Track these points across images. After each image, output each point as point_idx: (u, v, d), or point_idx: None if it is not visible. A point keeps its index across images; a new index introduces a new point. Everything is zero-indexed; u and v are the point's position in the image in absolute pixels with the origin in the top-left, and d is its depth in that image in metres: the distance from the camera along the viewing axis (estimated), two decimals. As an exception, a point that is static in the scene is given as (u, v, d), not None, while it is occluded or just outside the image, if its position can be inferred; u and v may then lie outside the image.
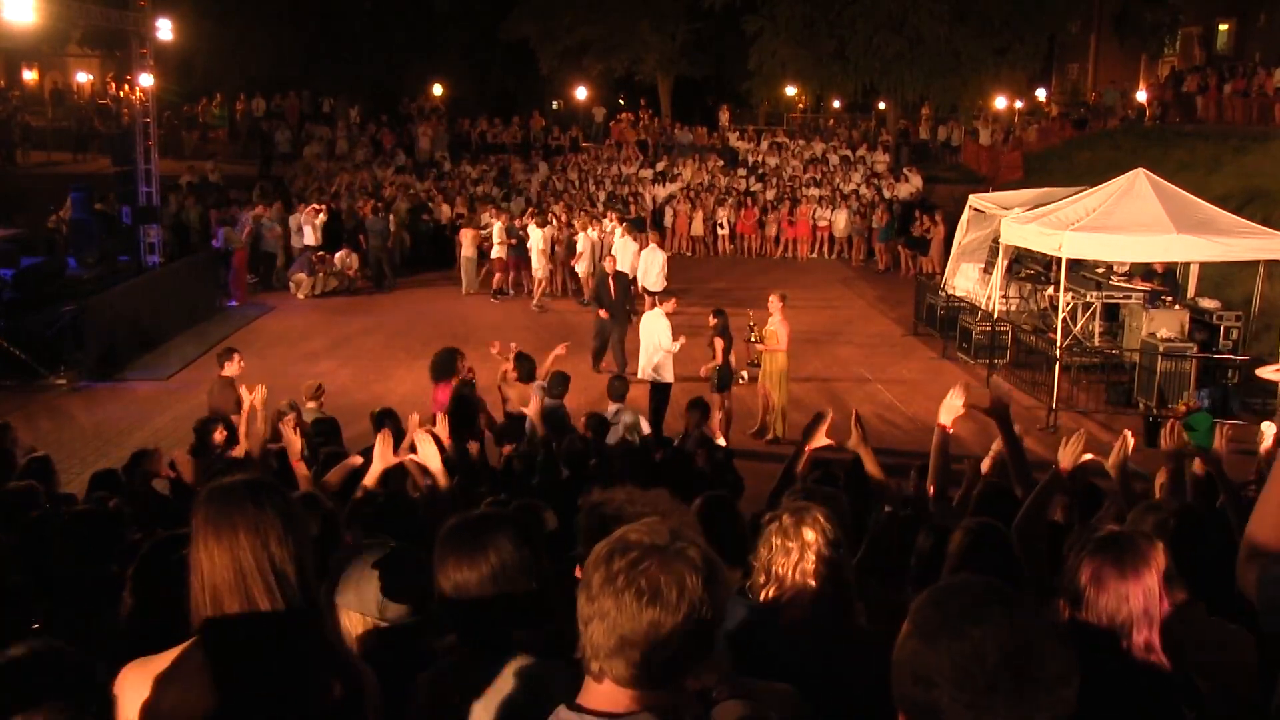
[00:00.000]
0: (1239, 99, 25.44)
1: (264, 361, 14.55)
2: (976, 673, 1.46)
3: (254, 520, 2.11)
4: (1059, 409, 12.64)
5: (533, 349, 10.20)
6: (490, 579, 2.28)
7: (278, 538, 2.11)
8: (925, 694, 1.49)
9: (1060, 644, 1.51)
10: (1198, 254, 13.21)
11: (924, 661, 1.50)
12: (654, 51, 34.04)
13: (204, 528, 2.12)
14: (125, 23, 17.07)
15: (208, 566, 2.10)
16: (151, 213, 17.87)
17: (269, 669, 2.11)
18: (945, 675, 1.48)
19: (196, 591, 2.12)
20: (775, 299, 11.88)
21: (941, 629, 1.51)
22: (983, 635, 1.48)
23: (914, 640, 1.54)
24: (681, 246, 25.05)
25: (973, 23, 27.52)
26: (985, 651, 1.46)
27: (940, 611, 1.54)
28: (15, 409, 11.80)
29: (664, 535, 1.71)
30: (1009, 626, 1.49)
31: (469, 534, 2.35)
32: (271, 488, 2.21)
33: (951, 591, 1.60)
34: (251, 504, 2.13)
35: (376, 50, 34.03)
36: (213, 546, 2.10)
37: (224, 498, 2.14)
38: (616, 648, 1.66)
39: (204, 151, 28.76)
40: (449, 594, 2.31)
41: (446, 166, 27.70)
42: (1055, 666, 1.49)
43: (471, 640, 2.33)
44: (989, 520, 3.48)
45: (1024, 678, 1.46)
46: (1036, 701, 1.46)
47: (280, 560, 2.11)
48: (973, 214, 16.60)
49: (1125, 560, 2.40)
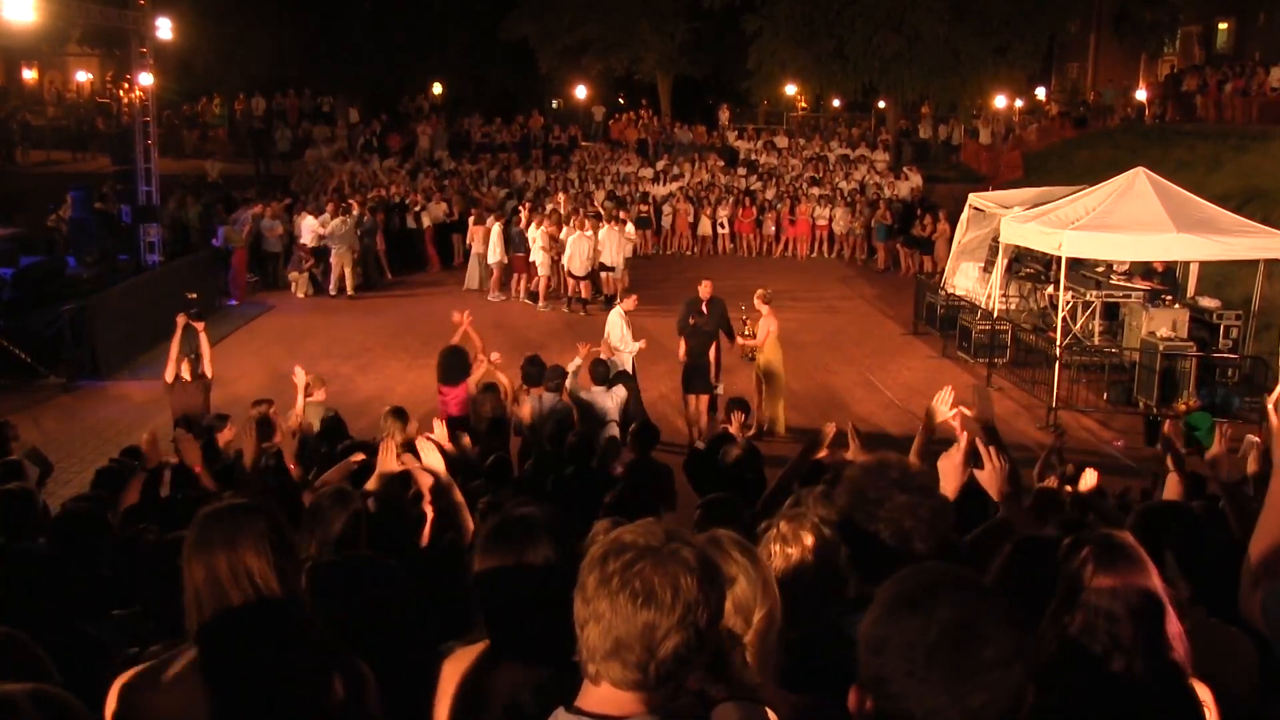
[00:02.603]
0: (1239, 98, 25.44)
1: (264, 361, 14.56)
2: (919, 644, 1.54)
3: (229, 535, 2.27)
4: (1058, 408, 12.64)
5: (533, 349, 10.22)
6: (534, 581, 2.20)
7: (254, 549, 2.25)
8: (876, 661, 1.58)
9: (1008, 630, 1.56)
10: (1197, 253, 13.20)
11: (878, 631, 1.60)
12: (653, 51, 34.03)
13: (188, 545, 2.31)
14: (125, 22, 17.07)
15: (189, 578, 2.27)
16: (151, 212, 17.87)
17: (263, 672, 2.13)
18: (893, 644, 1.56)
19: (188, 601, 2.27)
20: (758, 300, 11.90)
21: (898, 602, 1.61)
22: (931, 609, 1.56)
23: (873, 613, 1.63)
24: (681, 246, 25.07)
25: (972, 22, 27.51)
26: (930, 624, 1.55)
27: (901, 587, 1.64)
28: (15, 408, 11.79)
29: (658, 536, 1.71)
30: (959, 604, 1.57)
31: (514, 534, 2.27)
32: (253, 508, 2.37)
33: (917, 571, 1.69)
34: (229, 521, 2.31)
35: (376, 49, 33.99)
36: (193, 560, 2.27)
37: (209, 520, 2.32)
38: (612, 650, 1.66)
39: (204, 151, 28.77)
40: (489, 594, 2.26)
41: (447, 165, 27.69)
42: (996, 649, 1.54)
43: (507, 645, 2.25)
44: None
45: (965, 654, 1.53)
46: (974, 680, 1.52)
47: (259, 570, 2.25)
48: (972, 213, 16.60)
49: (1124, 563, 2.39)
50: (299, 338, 16.49)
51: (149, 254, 17.89)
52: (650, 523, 1.77)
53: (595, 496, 5.84)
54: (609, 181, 26.54)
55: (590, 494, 5.99)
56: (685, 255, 24.59)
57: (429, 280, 21.37)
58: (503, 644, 2.25)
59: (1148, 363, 12.95)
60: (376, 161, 27.29)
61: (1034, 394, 13.33)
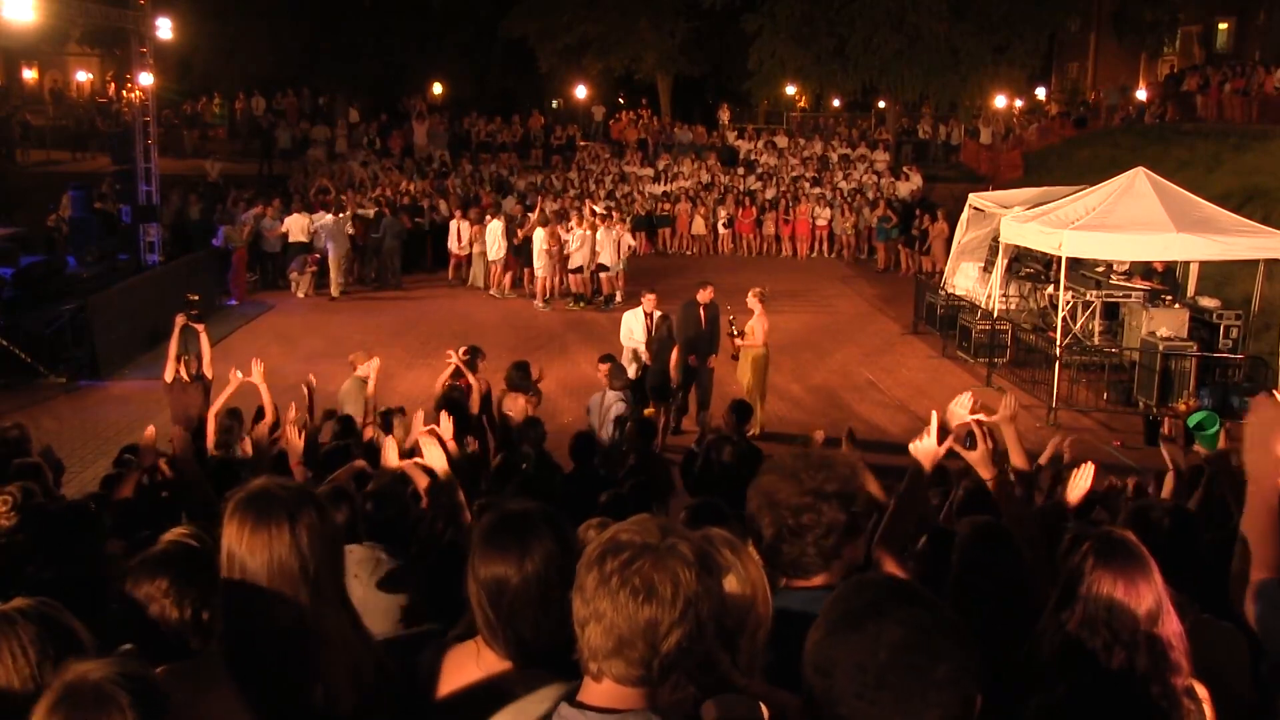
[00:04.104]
0: (1238, 97, 25.44)
1: (263, 361, 14.53)
2: (869, 665, 1.50)
3: (287, 523, 2.11)
4: (1059, 408, 12.64)
5: (533, 348, 10.22)
6: (531, 580, 2.13)
7: (309, 541, 2.11)
8: (823, 683, 1.54)
9: (958, 645, 1.53)
10: (1197, 253, 13.20)
11: (824, 653, 1.55)
12: (653, 50, 34.04)
13: (239, 528, 2.12)
14: (125, 21, 17.07)
15: (241, 566, 2.10)
16: (151, 211, 17.86)
17: (291, 669, 2.09)
18: (841, 666, 1.52)
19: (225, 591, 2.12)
20: (754, 297, 11.89)
21: (842, 622, 1.56)
22: (878, 629, 1.52)
23: (818, 632, 1.59)
24: (681, 246, 25.08)
25: (971, 20, 27.53)
26: (879, 645, 1.50)
27: (844, 605, 1.59)
28: (15, 408, 11.79)
29: (655, 533, 1.72)
30: (905, 623, 1.52)
31: (512, 530, 2.19)
32: (306, 493, 2.22)
33: (859, 587, 1.64)
34: (288, 507, 2.13)
35: (376, 49, 34.02)
36: (248, 546, 2.10)
37: (260, 500, 2.14)
38: (615, 648, 1.67)
39: (204, 150, 28.77)
40: (483, 591, 2.19)
41: (447, 165, 27.69)
42: (947, 666, 1.50)
43: (503, 642, 2.19)
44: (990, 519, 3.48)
45: (913, 673, 1.49)
46: (926, 698, 1.48)
47: (310, 563, 2.10)
48: (972, 213, 16.60)
49: (1125, 560, 2.40)
50: (299, 337, 16.48)
51: (149, 254, 17.89)
52: (645, 519, 1.77)
53: (595, 497, 5.84)
54: (609, 181, 26.55)
55: (591, 494, 5.99)
56: (685, 255, 24.60)
57: (431, 280, 21.36)
58: (499, 642, 2.19)
59: (1148, 363, 12.95)
60: (376, 161, 27.30)
61: (1034, 394, 13.33)
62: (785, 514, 2.38)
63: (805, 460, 2.44)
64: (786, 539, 2.38)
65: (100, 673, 1.67)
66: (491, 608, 2.15)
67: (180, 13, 19.97)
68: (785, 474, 2.42)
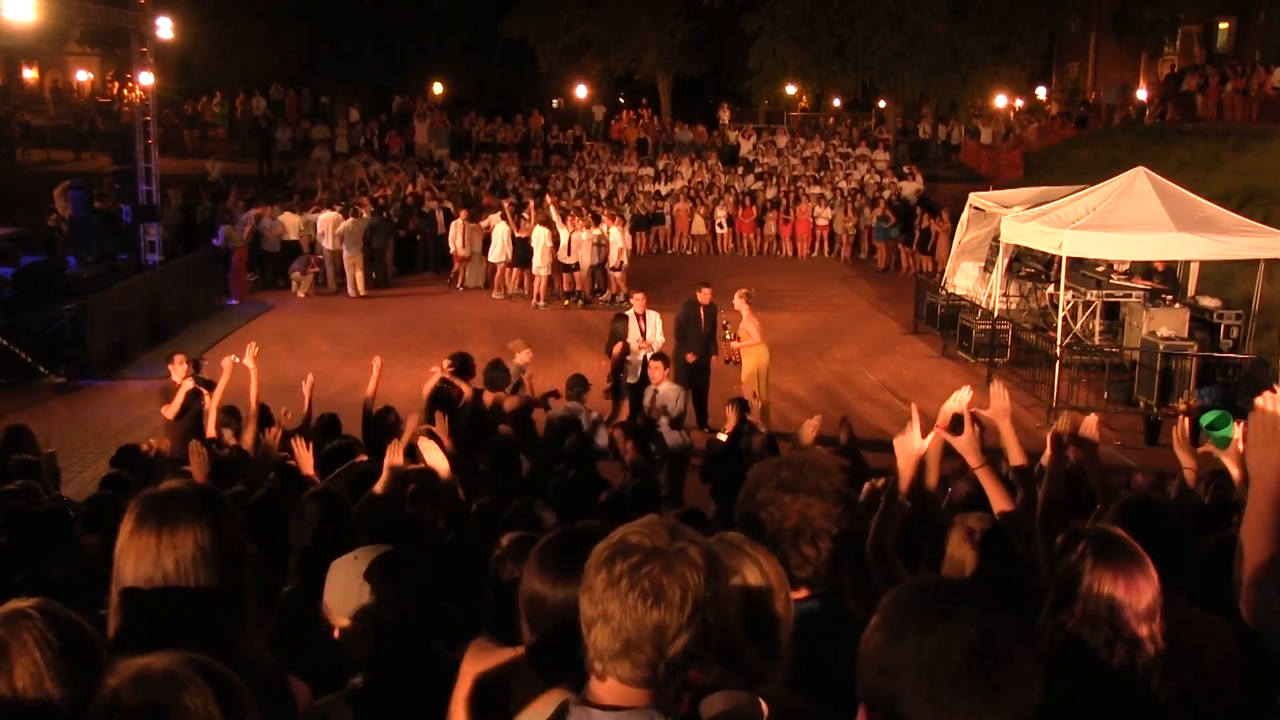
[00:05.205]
0: (1239, 97, 25.44)
1: (263, 361, 14.52)
2: (941, 667, 1.47)
3: (172, 526, 2.07)
4: (1059, 408, 12.63)
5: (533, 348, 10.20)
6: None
7: (200, 545, 2.06)
8: (888, 685, 1.51)
9: (1028, 647, 1.53)
10: (1198, 252, 13.20)
11: (889, 654, 1.53)
12: (653, 50, 34.04)
13: (130, 531, 2.09)
14: (125, 21, 17.07)
15: (130, 569, 2.07)
16: (151, 211, 17.86)
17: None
18: (909, 668, 1.49)
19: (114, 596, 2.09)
20: (740, 299, 11.85)
21: (909, 623, 1.53)
22: (950, 631, 1.49)
23: (881, 633, 1.56)
24: (681, 245, 25.08)
25: (971, 20, 27.52)
26: (951, 647, 1.48)
27: (910, 606, 1.57)
28: (15, 408, 11.79)
29: (664, 536, 1.71)
30: (978, 624, 1.50)
31: (570, 552, 2.14)
32: (210, 495, 2.19)
33: (922, 587, 1.63)
34: (181, 510, 2.10)
35: (376, 48, 34.02)
36: (133, 550, 2.07)
37: (152, 504, 2.11)
38: (622, 650, 1.67)
39: (204, 150, 28.77)
40: (539, 612, 2.15)
41: (447, 165, 27.69)
42: (1021, 668, 1.49)
43: (549, 666, 2.16)
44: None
45: (988, 676, 1.47)
46: (998, 701, 1.47)
47: (196, 567, 2.06)
48: (973, 212, 16.60)
49: (1124, 558, 2.40)
50: (299, 337, 16.48)
51: (149, 254, 17.89)
52: (654, 521, 1.77)
53: (594, 499, 5.85)
54: (609, 181, 26.56)
55: (589, 497, 6.00)
56: (685, 255, 24.60)
57: (431, 279, 21.36)
58: (542, 664, 2.15)
59: (1148, 362, 12.94)
60: (376, 161, 27.31)
61: (1034, 394, 13.33)
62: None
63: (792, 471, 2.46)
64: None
65: (164, 662, 1.65)
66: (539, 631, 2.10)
67: (180, 12, 19.95)
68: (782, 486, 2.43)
